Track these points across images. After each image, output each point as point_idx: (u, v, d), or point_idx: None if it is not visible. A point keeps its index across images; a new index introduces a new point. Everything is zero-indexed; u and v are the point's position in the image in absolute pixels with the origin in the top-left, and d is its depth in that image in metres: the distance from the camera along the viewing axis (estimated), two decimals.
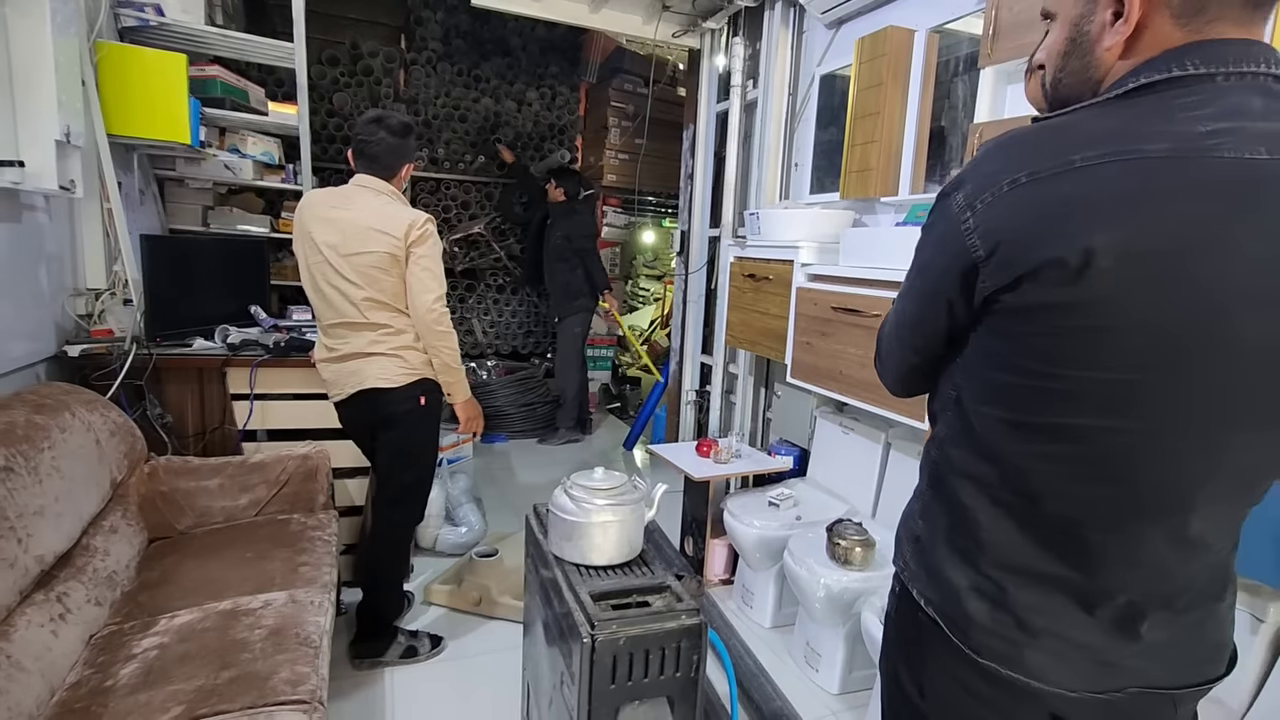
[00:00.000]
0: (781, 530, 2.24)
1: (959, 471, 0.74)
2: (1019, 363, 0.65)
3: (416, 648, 2.13)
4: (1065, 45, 0.69)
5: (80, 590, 1.57)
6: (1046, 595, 0.69)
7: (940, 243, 0.68)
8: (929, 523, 0.79)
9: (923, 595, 0.78)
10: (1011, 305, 0.62)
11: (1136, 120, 0.59)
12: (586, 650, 1.13)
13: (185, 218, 3.05)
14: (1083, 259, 0.56)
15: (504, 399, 4.42)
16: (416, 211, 1.92)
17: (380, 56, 4.43)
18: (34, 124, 1.76)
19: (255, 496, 2.11)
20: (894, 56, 2.18)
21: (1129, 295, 0.57)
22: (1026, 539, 0.69)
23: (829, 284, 2.17)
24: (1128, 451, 0.63)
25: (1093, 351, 0.60)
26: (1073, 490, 0.66)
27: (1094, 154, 0.57)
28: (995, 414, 0.69)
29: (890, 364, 0.84)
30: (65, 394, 1.81)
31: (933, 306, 0.71)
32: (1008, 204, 0.61)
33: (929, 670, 0.78)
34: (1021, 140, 0.64)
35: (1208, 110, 0.57)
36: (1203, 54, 0.59)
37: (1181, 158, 0.56)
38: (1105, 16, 0.64)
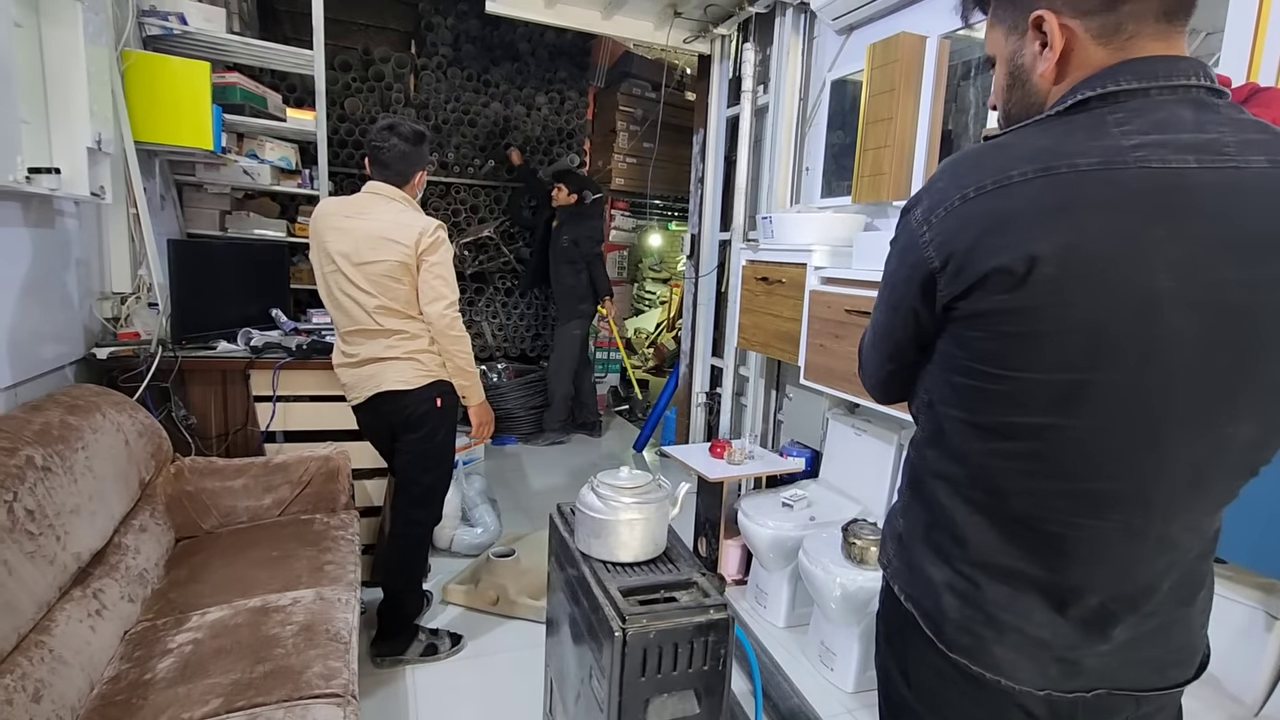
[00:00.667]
0: (795, 530, 2.26)
1: (933, 472, 0.78)
2: (973, 366, 0.69)
3: (437, 645, 2.16)
4: (1007, 80, 0.74)
5: (114, 587, 1.60)
6: (1017, 592, 0.72)
7: (903, 255, 0.73)
8: (909, 521, 0.82)
9: (903, 591, 0.81)
10: (965, 311, 0.67)
11: (1069, 136, 0.63)
12: (618, 644, 1.16)
13: (203, 222, 3.10)
14: (1027, 266, 0.60)
15: (514, 401, 4.46)
16: (427, 219, 1.95)
17: (391, 62, 4.48)
18: (68, 131, 1.80)
19: (279, 497, 2.15)
20: (906, 63, 2.22)
21: (1068, 299, 0.61)
22: (997, 536, 0.72)
23: (842, 287, 2.20)
24: (1078, 448, 0.66)
25: (1037, 353, 0.64)
26: (1033, 487, 0.69)
27: (1030, 169, 0.62)
28: (958, 415, 0.73)
29: (869, 371, 0.88)
30: (95, 395, 1.85)
31: (900, 316, 0.75)
32: (957, 217, 0.65)
33: (912, 663, 0.81)
34: (968, 158, 0.69)
35: (1136, 124, 0.62)
36: (1134, 70, 0.64)
37: (1110, 169, 0.60)
38: (1034, 47, 0.69)
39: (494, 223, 4.86)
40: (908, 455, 0.85)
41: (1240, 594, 1.38)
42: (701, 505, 2.79)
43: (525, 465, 4.07)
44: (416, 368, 1.98)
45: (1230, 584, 1.39)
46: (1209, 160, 0.60)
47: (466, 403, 2.11)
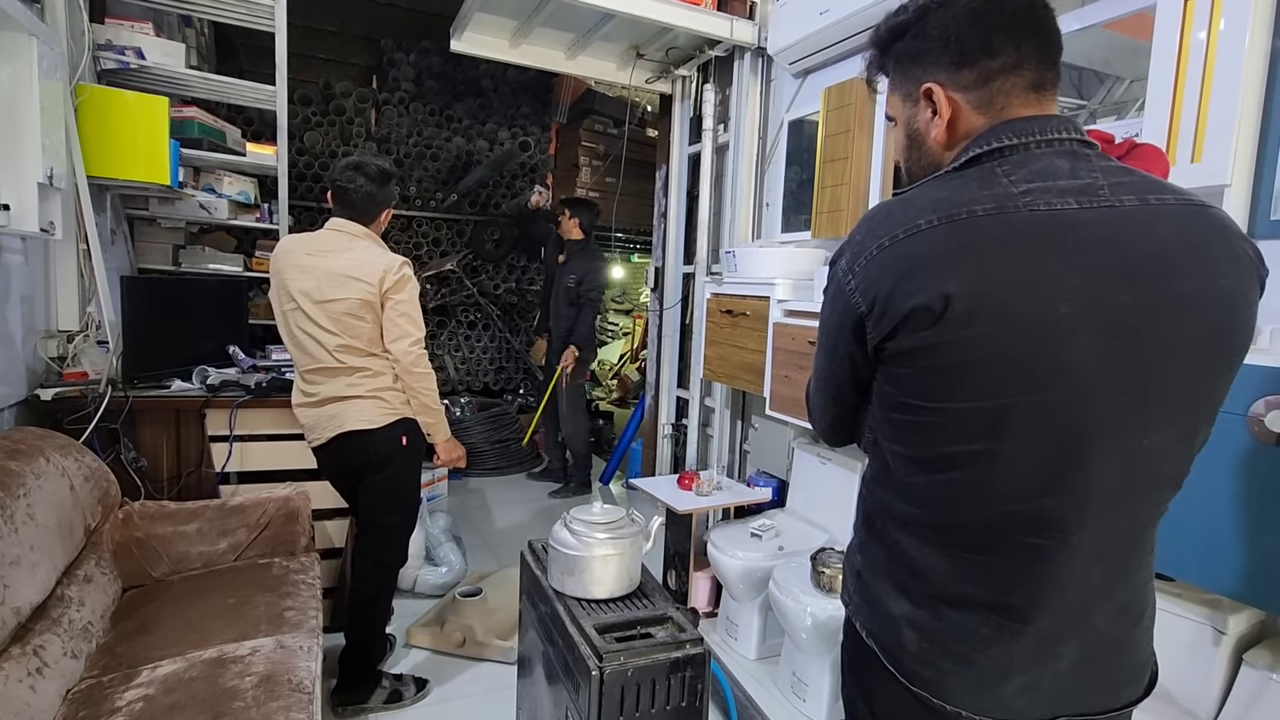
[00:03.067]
0: (765, 561, 2.27)
1: (884, 508, 0.81)
2: (905, 401, 0.74)
3: (401, 692, 2.09)
4: (905, 140, 0.83)
5: (56, 643, 1.51)
6: (972, 621, 0.74)
7: (833, 303, 0.78)
8: (866, 557, 0.85)
9: (864, 627, 0.83)
10: (893, 350, 0.71)
11: (964, 187, 0.71)
12: (595, 683, 1.15)
13: (155, 257, 3.02)
14: (942, 303, 0.66)
15: (478, 435, 4.40)
16: (392, 256, 1.93)
17: (353, 96, 4.48)
18: (18, 167, 1.75)
19: (235, 540, 2.07)
20: (860, 106, 2.32)
21: (980, 331, 0.66)
22: (948, 566, 0.75)
23: (805, 319, 2.25)
24: (1009, 472, 0.70)
25: (959, 384, 0.69)
26: (973, 513, 0.73)
27: (935, 217, 0.69)
28: (899, 450, 0.77)
29: (816, 415, 0.92)
30: (39, 439, 1.77)
31: (838, 360, 0.80)
32: (876, 264, 0.71)
33: (877, 697, 0.83)
34: (879, 212, 0.76)
35: (1021, 173, 0.70)
36: (1012, 129, 0.73)
37: (1004, 213, 0.68)
38: (926, 115, 0.79)
39: (456, 256, 4.85)
40: (860, 493, 0.88)
41: (1189, 610, 1.44)
42: (670, 538, 2.78)
43: (490, 501, 4.00)
44: (380, 406, 1.94)
45: (1178, 601, 1.45)
46: (1087, 201, 0.68)
47: (432, 440, 2.08)
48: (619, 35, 3.13)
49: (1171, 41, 1.44)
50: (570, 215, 3.93)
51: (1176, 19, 1.44)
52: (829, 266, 0.79)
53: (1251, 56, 1.37)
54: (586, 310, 3.99)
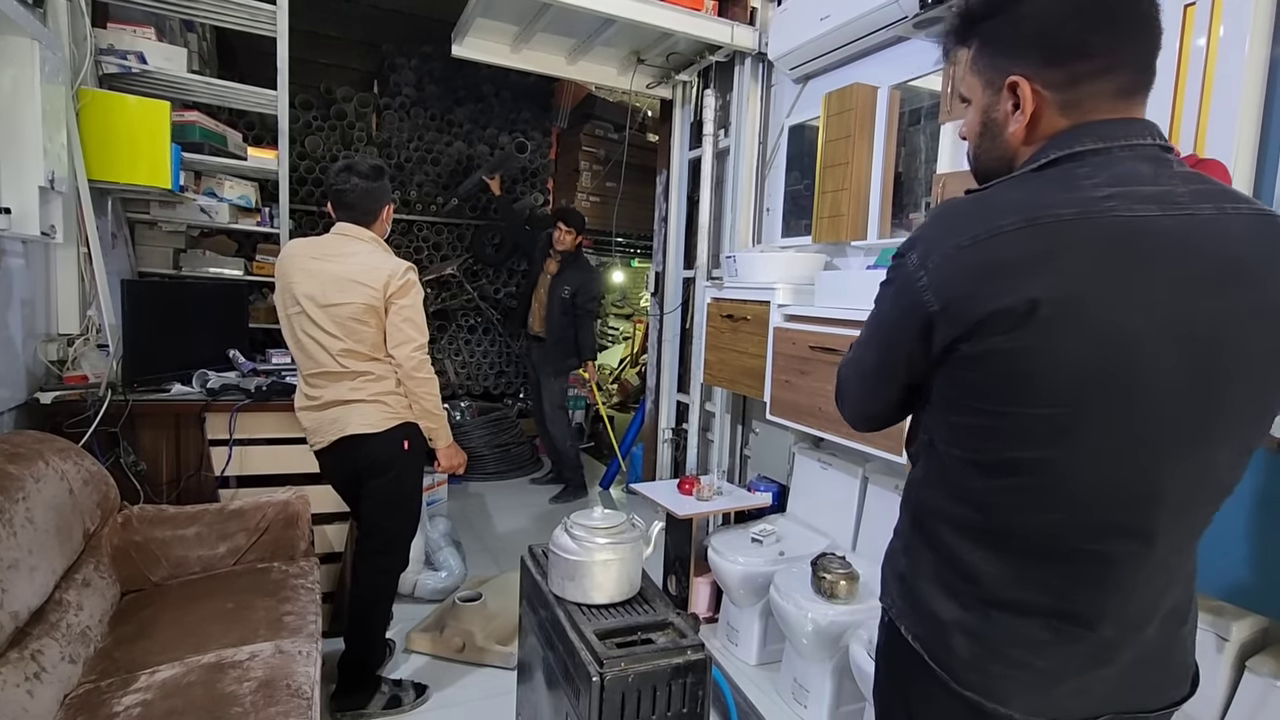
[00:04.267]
0: (766, 566, 2.27)
1: (937, 511, 0.80)
2: (972, 404, 0.72)
3: (401, 697, 2.08)
4: (979, 128, 0.81)
5: (54, 647, 1.50)
6: (1024, 626, 0.74)
7: (897, 298, 0.76)
8: (912, 561, 0.83)
9: (910, 631, 0.82)
10: (965, 353, 0.70)
11: (1044, 190, 0.70)
12: (596, 689, 1.14)
13: (155, 260, 3.01)
14: (1026, 308, 0.65)
15: (478, 440, 4.40)
16: (397, 261, 1.93)
17: (353, 101, 4.49)
18: (19, 170, 1.75)
19: (234, 545, 2.06)
20: (860, 111, 2.33)
21: (1060, 338, 0.66)
22: (1003, 572, 0.74)
23: (805, 324, 2.25)
24: (1077, 479, 0.70)
25: (1035, 390, 0.68)
26: (1037, 520, 0.72)
27: (1017, 219, 0.68)
28: (959, 454, 0.76)
29: (850, 402, 0.91)
30: (38, 443, 1.76)
31: (892, 356, 0.79)
32: (954, 264, 0.70)
33: (917, 701, 0.82)
34: (956, 210, 0.74)
35: (1103, 176, 0.68)
36: (1095, 132, 0.71)
37: (1088, 219, 0.66)
38: (1007, 107, 0.76)
39: (457, 260, 4.85)
40: (907, 495, 0.86)
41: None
42: (671, 543, 2.77)
43: (490, 506, 3.99)
44: (382, 410, 1.94)
45: None
46: (1168, 209, 0.67)
47: (434, 445, 2.07)
48: (620, 41, 3.14)
49: (1171, 48, 1.44)
50: (568, 228, 3.92)
51: (1176, 25, 1.44)
52: (895, 258, 0.77)
53: (1251, 64, 1.37)
54: (586, 321, 4.01)
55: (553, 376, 4.06)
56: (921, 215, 2.23)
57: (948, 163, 2.03)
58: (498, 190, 4.33)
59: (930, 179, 2.08)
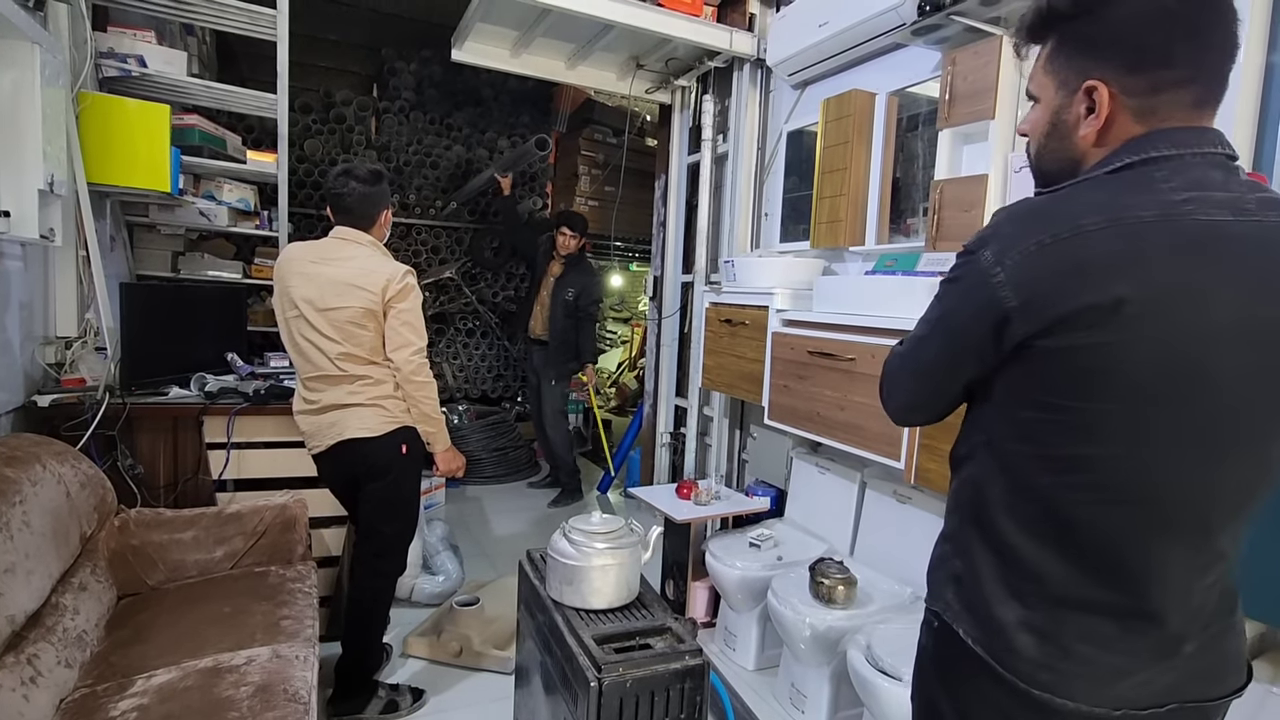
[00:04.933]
0: (764, 571, 2.27)
1: (998, 510, 0.79)
2: (1047, 400, 0.73)
3: (398, 702, 2.07)
4: (1047, 128, 0.81)
5: (50, 652, 1.50)
6: (1092, 622, 0.75)
7: (968, 294, 0.77)
8: (969, 562, 0.83)
9: (969, 634, 0.81)
10: (1043, 349, 0.71)
11: (1124, 192, 0.71)
12: (594, 694, 1.14)
13: (153, 263, 3.01)
14: (1113, 306, 0.67)
15: (476, 443, 4.39)
16: (396, 265, 1.92)
17: (353, 105, 4.50)
18: (19, 173, 1.75)
19: (231, 548, 2.06)
20: (858, 117, 2.34)
21: (1144, 336, 0.68)
22: (1068, 569, 0.75)
23: (803, 329, 2.26)
24: (1147, 475, 0.72)
25: (1108, 385, 0.70)
26: (1104, 515, 0.74)
27: (1101, 219, 0.69)
28: (1027, 451, 0.76)
29: (899, 396, 0.92)
30: (35, 445, 1.76)
31: (958, 351, 0.80)
32: (1035, 261, 0.71)
33: (972, 702, 0.82)
34: (1036, 209, 0.75)
35: (1178, 180, 0.70)
36: (1172, 140, 0.72)
37: (1168, 220, 0.68)
38: (1080, 110, 0.76)
39: (455, 264, 4.85)
40: (959, 497, 0.87)
41: None
42: (669, 547, 2.77)
43: (487, 510, 3.99)
44: (380, 414, 1.94)
45: None
46: (1240, 215, 0.69)
47: (432, 449, 2.07)
48: (619, 46, 3.16)
49: None
50: (571, 233, 3.93)
51: None
52: (963, 256, 0.77)
53: (1246, 72, 1.38)
54: (587, 324, 4.02)
55: (554, 380, 4.05)
56: (920, 221, 2.23)
57: (945, 169, 2.04)
58: (507, 189, 4.17)
59: (928, 185, 2.09)
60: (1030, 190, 0.84)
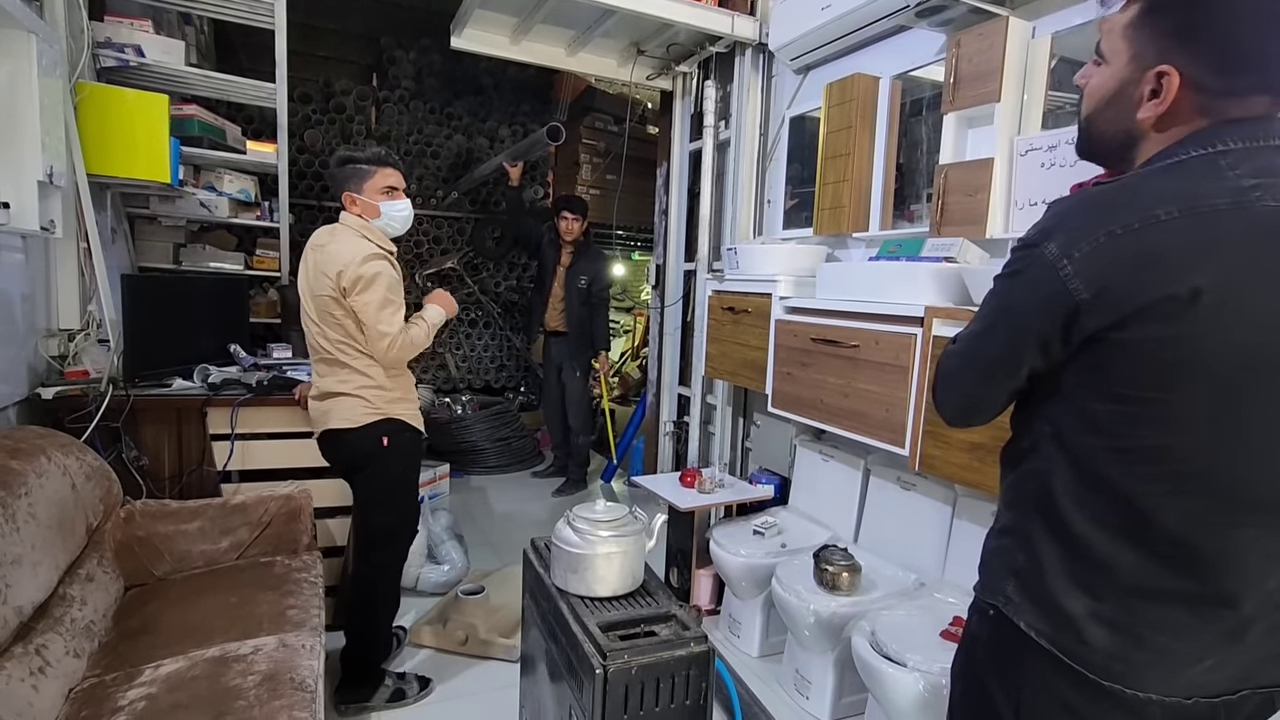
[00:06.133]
0: (768, 558, 2.27)
1: (1067, 503, 0.79)
2: (1122, 392, 0.73)
3: (404, 690, 2.09)
4: (1110, 95, 0.79)
5: (59, 642, 1.51)
6: (1165, 611, 0.75)
7: (1033, 287, 0.75)
8: (1032, 554, 0.82)
9: (1031, 627, 0.81)
10: (1116, 341, 0.71)
11: (1192, 180, 0.70)
12: (599, 681, 1.14)
13: (155, 255, 3.01)
14: (1190, 296, 0.66)
15: (479, 434, 4.40)
16: (358, 249, 1.83)
17: (352, 94, 4.47)
18: (18, 165, 1.74)
19: (237, 539, 2.07)
20: (861, 102, 2.31)
21: (1223, 324, 0.67)
22: (1142, 558, 0.75)
23: (807, 316, 2.25)
24: (1224, 462, 0.72)
25: (1187, 376, 0.69)
26: (1180, 505, 0.73)
27: (1173, 208, 0.68)
28: (1099, 443, 0.76)
29: (957, 395, 0.89)
30: (40, 438, 1.76)
31: (1018, 344, 0.78)
32: (1108, 252, 0.70)
33: (1028, 692, 0.82)
34: (1101, 199, 0.74)
35: (1245, 167, 0.69)
36: (1237, 133, 0.71)
37: (1240, 207, 0.68)
38: (1145, 90, 0.75)
39: (457, 254, 4.84)
40: (1020, 489, 0.85)
41: None
42: (672, 535, 2.78)
43: (491, 499, 4.00)
44: (362, 406, 1.91)
45: None
46: None
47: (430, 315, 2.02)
48: (619, 32, 3.12)
49: None
50: (573, 215, 3.91)
51: None
52: (1023, 248, 0.76)
53: None
54: (601, 310, 4.00)
55: (577, 371, 4.03)
56: (924, 207, 2.21)
57: (950, 153, 2.02)
58: (516, 179, 3.99)
59: (932, 170, 2.07)
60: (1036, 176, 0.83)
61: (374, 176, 1.91)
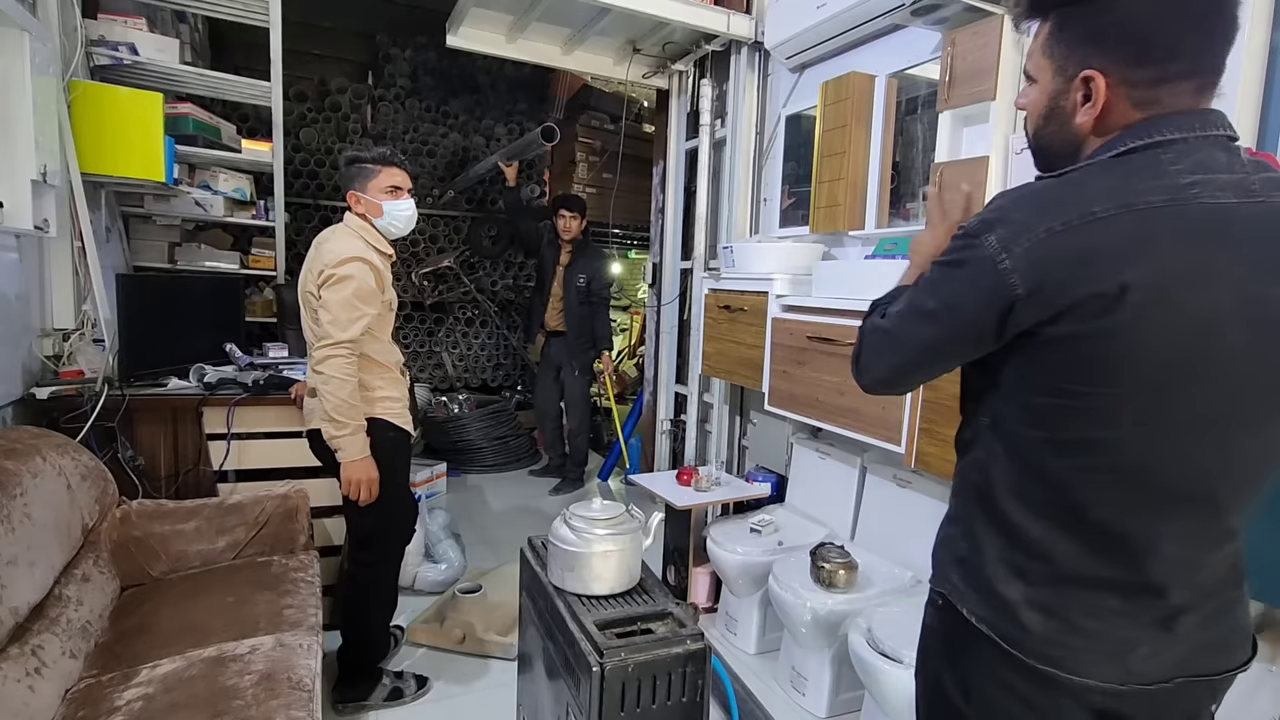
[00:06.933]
0: (765, 556, 2.28)
1: (1003, 493, 0.81)
2: (1058, 385, 0.74)
3: (402, 689, 2.09)
4: (1045, 110, 0.81)
5: (55, 642, 1.51)
6: (1098, 598, 0.77)
7: (973, 280, 0.76)
8: (974, 544, 0.84)
9: (974, 613, 0.83)
10: (1050, 336, 0.72)
11: (1134, 176, 0.71)
12: (596, 679, 1.15)
13: (150, 254, 3.00)
14: (1119, 292, 0.68)
15: (476, 432, 4.40)
16: (341, 248, 1.81)
17: (348, 92, 4.46)
18: (11, 164, 1.74)
19: (233, 539, 2.06)
20: (857, 100, 2.32)
21: (1152, 321, 0.68)
22: (1077, 547, 0.77)
23: (803, 314, 2.25)
24: (1156, 456, 0.73)
25: (1123, 371, 0.70)
26: (1113, 497, 0.75)
27: (1111, 205, 0.69)
28: (1037, 435, 0.77)
29: (876, 368, 0.90)
30: (35, 438, 1.76)
31: (957, 335, 0.80)
32: (1046, 248, 0.70)
33: (976, 678, 0.84)
34: (1044, 194, 0.74)
35: (1185, 163, 0.70)
36: (1175, 124, 0.72)
37: (1175, 205, 0.69)
38: (1076, 98, 0.76)
39: (454, 252, 4.83)
40: (964, 480, 0.88)
41: None
42: (670, 533, 2.78)
43: (488, 498, 4.00)
44: None
45: None
46: (1244, 197, 0.70)
47: (338, 457, 1.83)
48: (615, 30, 3.12)
49: None
50: (571, 214, 3.89)
51: None
52: (965, 239, 0.77)
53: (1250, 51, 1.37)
54: (602, 310, 3.99)
55: (577, 371, 4.01)
56: (919, 205, 2.22)
57: (946, 151, 2.02)
58: (513, 179, 3.99)
59: (928, 168, 2.07)
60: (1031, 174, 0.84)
61: (378, 176, 1.92)
